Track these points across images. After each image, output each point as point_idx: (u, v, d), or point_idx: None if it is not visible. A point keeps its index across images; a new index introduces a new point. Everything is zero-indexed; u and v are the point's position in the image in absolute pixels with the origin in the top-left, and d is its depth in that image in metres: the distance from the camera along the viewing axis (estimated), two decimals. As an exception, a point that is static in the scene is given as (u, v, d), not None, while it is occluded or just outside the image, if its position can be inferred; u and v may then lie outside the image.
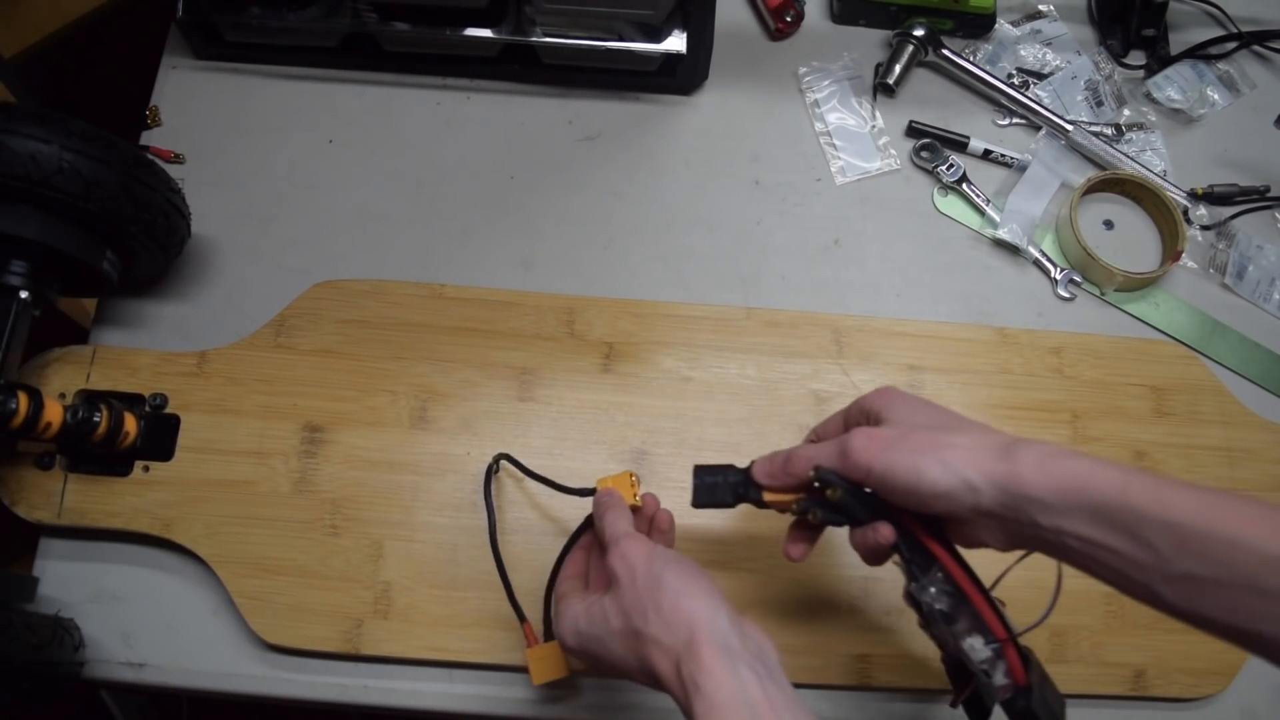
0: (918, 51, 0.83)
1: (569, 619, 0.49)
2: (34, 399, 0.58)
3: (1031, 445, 0.44)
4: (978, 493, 0.43)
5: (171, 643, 0.63)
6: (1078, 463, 0.42)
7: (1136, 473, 0.41)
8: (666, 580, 0.46)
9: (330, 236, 0.75)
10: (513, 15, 0.77)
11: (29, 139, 0.56)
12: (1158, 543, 0.40)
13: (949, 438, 0.45)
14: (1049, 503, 0.42)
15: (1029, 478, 0.42)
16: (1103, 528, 0.41)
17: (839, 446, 0.47)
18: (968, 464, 0.43)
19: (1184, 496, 0.40)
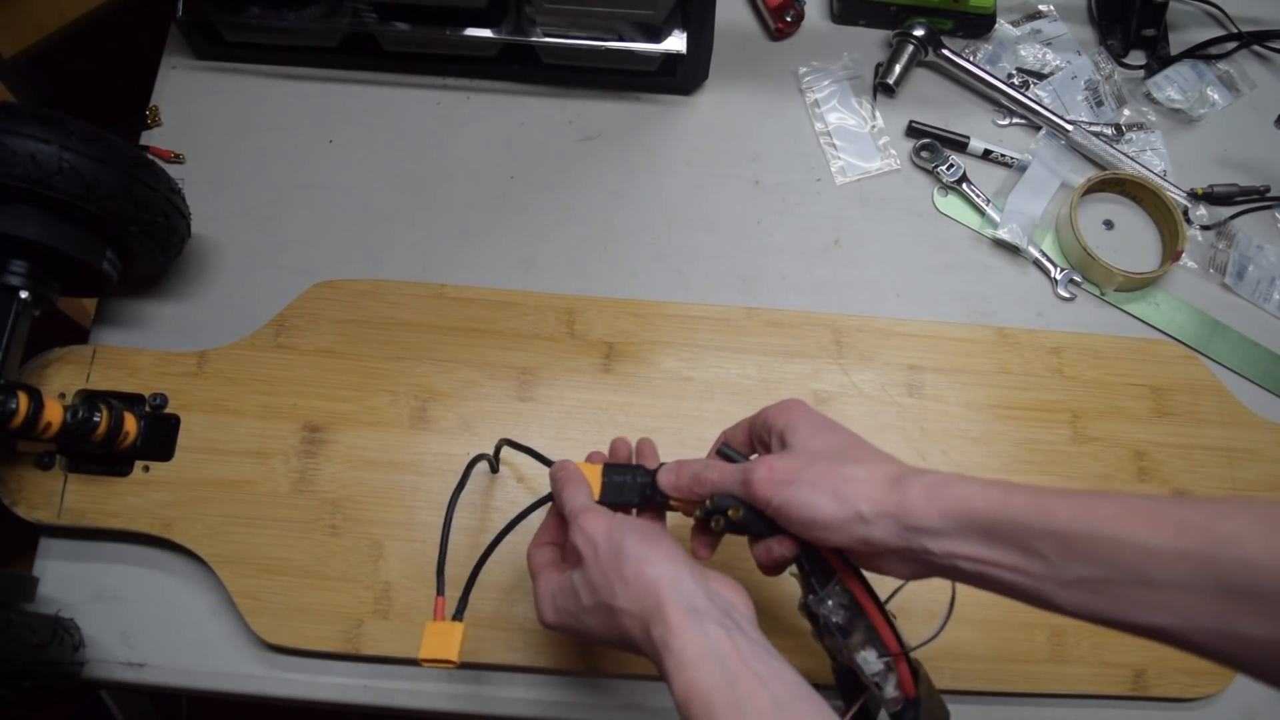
0: (918, 51, 0.83)
1: (546, 597, 0.50)
2: (34, 399, 0.58)
3: (919, 476, 0.45)
4: (870, 525, 0.44)
5: (171, 643, 0.63)
6: (961, 487, 0.43)
7: (1016, 488, 0.42)
8: (627, 549, 0.46)
9: (330, 236, 0.75)
10: (513, 15, 0.77)
11: (29, 139, 0.56)
12: (1046, 552, 0.41)
13: (845, 470, 0.46)
14: (938, 529, 0.43)
15: (916, 507, 0.43)
16: (992, 546, 0.42)
17: (741, 475, 0.48)
18: (860, 497, 0.45)
19: (1062, 503, 0.41)
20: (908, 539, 0.44)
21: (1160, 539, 0.38)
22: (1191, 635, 0.38)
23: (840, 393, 0.69)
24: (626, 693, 0.63)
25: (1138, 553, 0.39)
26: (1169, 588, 0.38)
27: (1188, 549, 0.38)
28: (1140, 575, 0.38)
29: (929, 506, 0.43)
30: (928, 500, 0.43)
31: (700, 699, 0.40)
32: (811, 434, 0.49)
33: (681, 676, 0.41)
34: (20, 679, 0.55)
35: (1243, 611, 0.36)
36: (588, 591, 0.47)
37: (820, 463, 0.47)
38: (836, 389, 0.70)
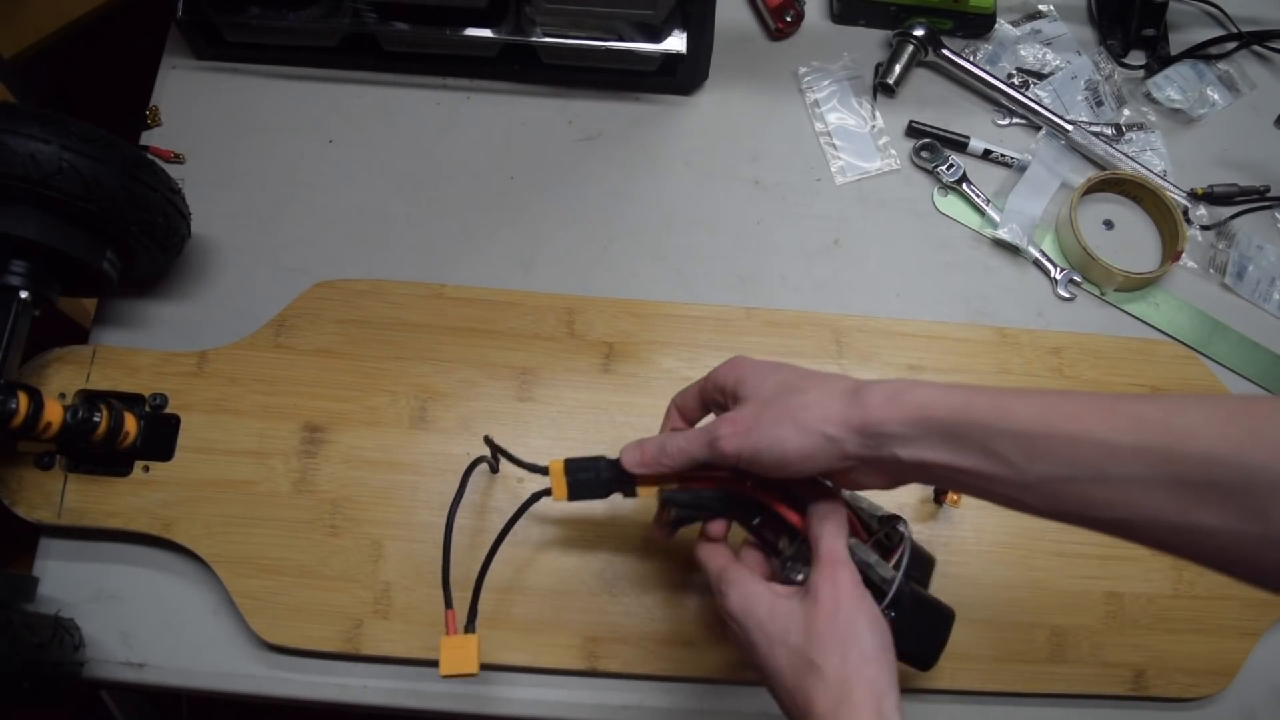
0: (918, 51, 0.83)
1: (745, 596, 0.47)
2: (34, 399, 0.58)
3: (878, 384, 0.45)
4: (839, 442, 0.45)
5: (171, 643, 0.63)
6: (921, 391, 0.44)
7: (977, 390, 0.43)
8: (864, 637, 0.44)
9: (330, 236, 0.75)
10: (513, 15, 0.77)
11: (29, 139, 0.56)
12: (1008, 454, 0.41)
13: (800, 399, 0.46)
14: (903, 435, 0.43)
15: (879, 415, 0.44)
16: (956, 449, 0.43)
17: (706, 437, 0.48)
18: (821, 419, 0.45)
19: (1023, 403, 0.41)
20: (876, 448, 0.44)
21: (1118, 435, 0.39)
22: (1152, 530, 0.39)
23: (840, 393, 0.69)
24: (627, 693, 0.63)
25: (1097, 450, 0.39)
26: (1129, 483, 0.39)
27: (1145, 444, 0.38)
28: (1100, 472, 0.39)
29: (891, 414, 0.44)
30: (889, 407, 0.44)
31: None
32: (760, 380, 0.49)
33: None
34: (20, 679, 0.55)
35: (1200, 503, 0.37)
36: (802, 633, 0.45)
37: (775, 402, 0.47)
38: (836, 389, 0.70)
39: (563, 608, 0.63)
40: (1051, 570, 0.66)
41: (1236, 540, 0.37)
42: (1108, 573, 0.66)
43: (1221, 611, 0.66)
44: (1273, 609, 0.66)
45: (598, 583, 0.64)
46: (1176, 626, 0.65)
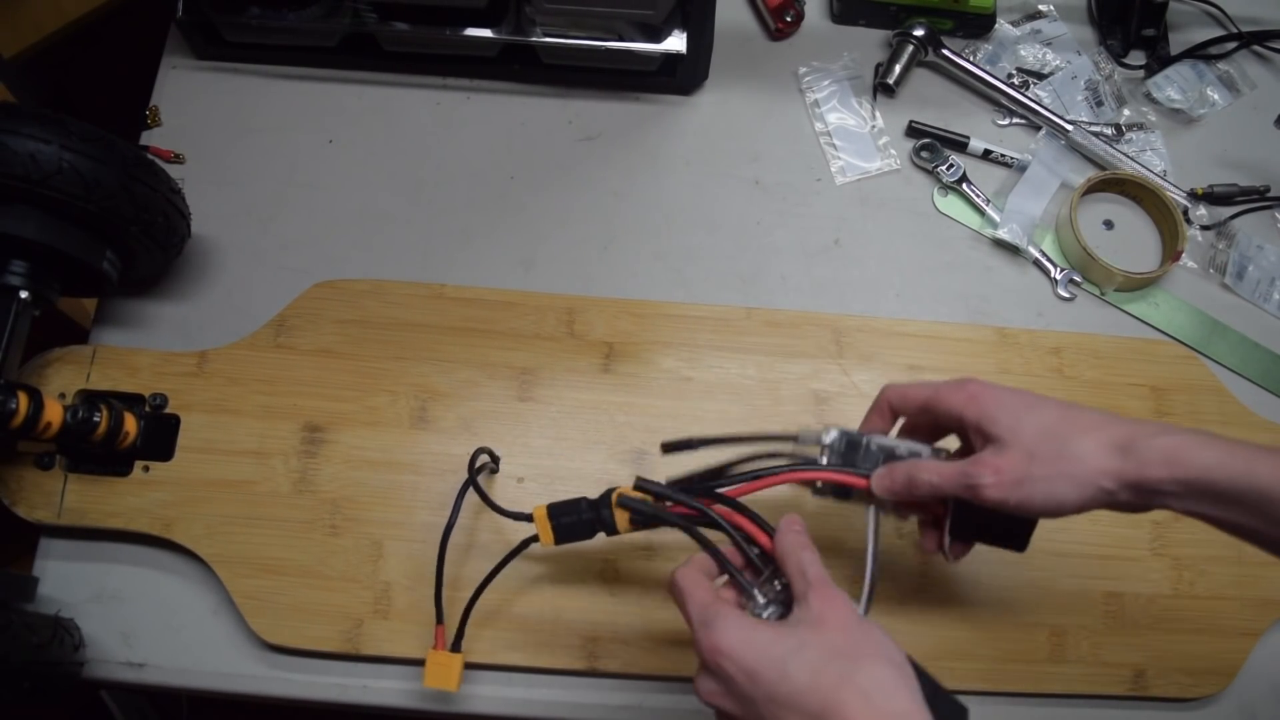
0: (918, 51, 0.83)
1: (741, 628, 0.43)
2: (34, 399, 0.58)
3: (1150, 440, 0.45)
4: (1111, 494, 0.46)
5: (171, 643, 0.63)
6: (1203, 456, 0.44)
7: (1260, 453, 0.44)
8: (886, 643, 0.43)
9: (330, 236, 0.75)
10: (513, 15, 0.77)
11: (29, 139, 0.56)
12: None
13: (1070, 451, 0.46)
14: (1179, 494, 0.45)
15: (1155, 476, 0.45)
16: (1233, 509, 0.44)
17: (964, 480, 0.48)
18: (1098, 473, 0.46)
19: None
20: (1148, 500, 0.46)
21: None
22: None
23: (840, 393, 0.69)
24: (626, 693, 0.63)
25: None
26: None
27: None
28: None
29: (1168, 475, 0.44)
30: (1167, 469, 0.44)
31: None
32: (1015, 422, 0.48)
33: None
34: (20, 679, 0.55)
35: None
36: (820, 649, 0.42)
37: (1043, 454, 0.47)
38: (836, 389, 0.70)
39: (563, 608, 0.63)
40: (1051, 570, 0.66)
41: None
42: (1107, 573, 0.66)
43: (1221, 611, 0.66)
44: (1273, 609, 0.66)
45: (598, 583, 0.64)
46: (1176, 626, 0.65)
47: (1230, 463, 0.44)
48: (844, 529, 0.66)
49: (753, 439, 0.54)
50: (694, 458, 0.55)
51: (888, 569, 0.65)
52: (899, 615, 0.64)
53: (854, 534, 0.66)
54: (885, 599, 0.64)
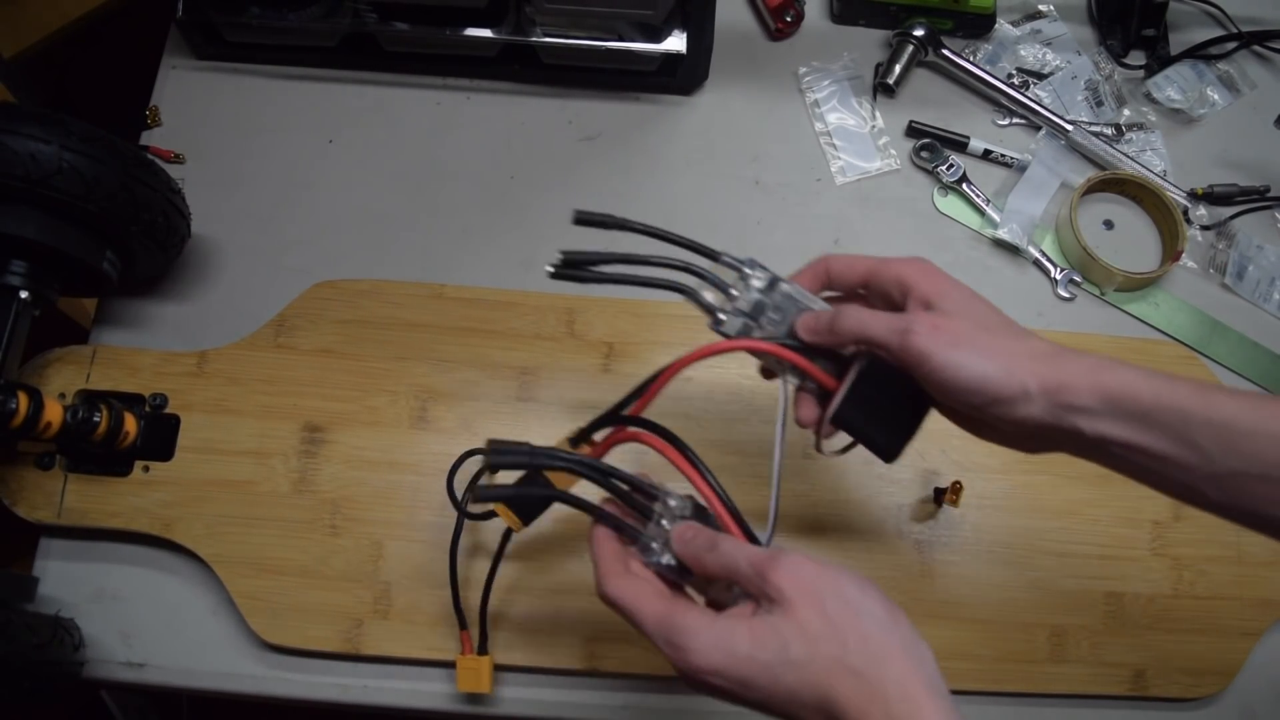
0: (918, 51, 0.83)
1: (717, 638, 0.40)
2: (34, 399, 0.58)
3: (1075, 354, 0.44)
4: (1031, 400, 0.43)
5: (171, 643, 0.63)
6: (1125, 371, 0.43)
7: (1179, 378, 0.42)
8: (867, 607, 0.40)
9: (330, 236, 0.75)
10: (513, 15, 0.77)
11: (29, 139, 0.56)
12: (1204, 443, 0.40)
13: (1009, 343, 0.45)
14: (1094, 409, 0.42)
15: (1076, 385, 0.43)
16: (1148, 431, 0.42)
17: (900, 324, 0.45)
18: (1026, 371, 0.43)
19: (1230, 398, 0.41)
20: (1060, 417, 0.43)
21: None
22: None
23: (840, 393, 0.69)
24: (626, 693, 0.63)
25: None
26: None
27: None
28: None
29: (1089, 386, 0.42)
30: (1089, 380, 0.43)
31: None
32: (965, 303, 0.46)
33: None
34: (20, 679, 0.55)
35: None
36: (801, 641, 0.39)
37: (988, 332, 0.45)
38: (836, 389, 0.70)
39: (563, 608, 0.63)
40: (1051, 570, 0.66)
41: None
42: (1108, 573, 0.66)
43: (1221, 611, 0.66)
44: (1273, 609, 0.66)
45: (598, 583, 0.64)
46: (1176, 626, 0.65)
47: (1150, 381, 0.42)
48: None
49: (676, 240, 0.51)
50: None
51: (888, 569, 0.65)
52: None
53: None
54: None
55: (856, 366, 0.48)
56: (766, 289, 0.50)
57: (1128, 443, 0.42)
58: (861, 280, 0.50)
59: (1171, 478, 0.42)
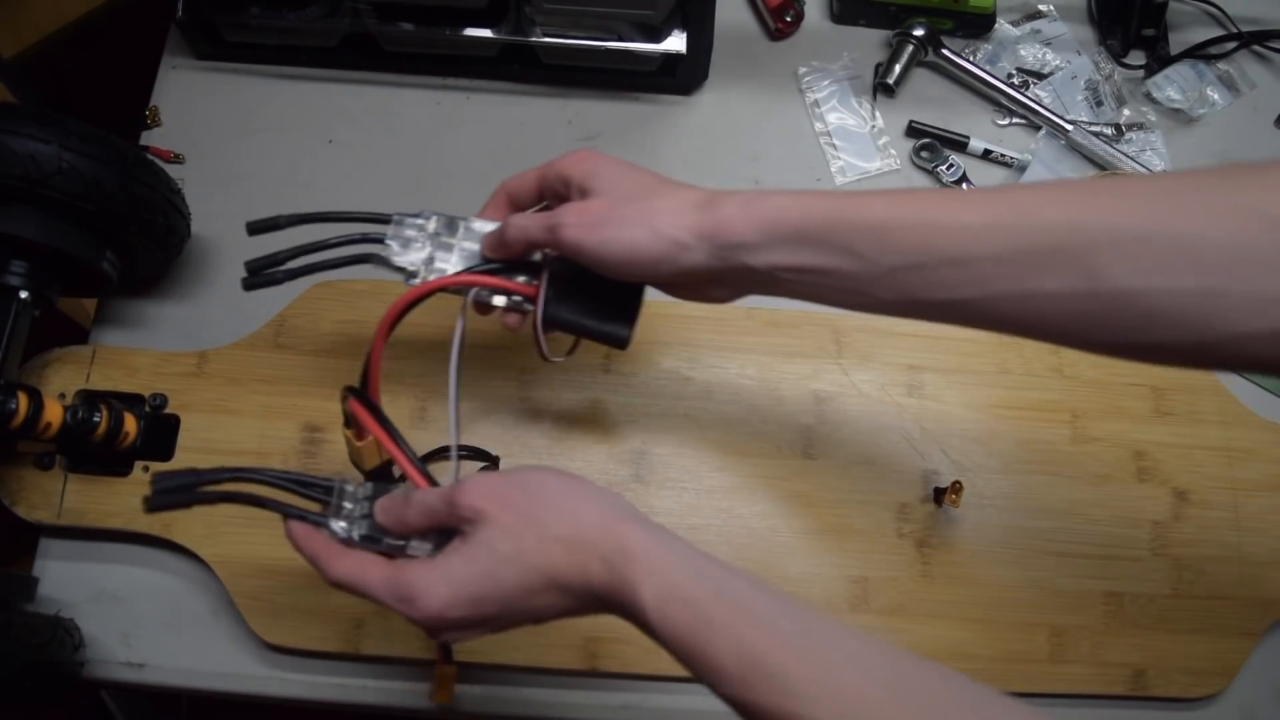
0: (918, 51, 0.83)
1: (435, 580, 0.43)
2: (34, 399, 0.58)
3: (729, 195, 0.46)
4: (689, 249, 0.45)
5: (171, 643, 0.63)
6: (774, 199, 0.44)
7: (829, 192, 0.45)
8: (549, 484, 0.44)
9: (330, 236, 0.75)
10: (512, 15, 0.77)
11: (29, 139, 0.56)
12: (861, 248, 0.42)
13: (655, 203, 0.46)
14: (756, 243, 0.44)
15: (732, 224, 0.44)
16: (811, 250, 0.43)
17: (549, 221, 0.47)
18: (675, 225, 0.45)
19: (876, 198, 0.43)
20: (726, 257, 0.45)
21: (968, 217, 0.41)
22: (995, 305, 0.41)
23: (840, 393, 0.69)
24: (627, 693, 0.63)
25: (948, 234, 0.41)
26: (977, 262, 0.40)
27: (993, 222, 0.40)
28: (949, 255, 0.41)
29: (745, 222, 0.44)
30: (743, 216, 0.44)
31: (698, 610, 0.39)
32: (614, 178, 0.48)
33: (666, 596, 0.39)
34: (20, 679, 0.55)
35: (1041, 270, 0.39)
36: (504, 539, 0.42)
37: (629, 202, 0.47)
38: (836, 389, 0.70)
39: (563, 608, 0.63)
40: (1051, 570, 0.66)
41: (1070, 302, 0.39)
42: (1108, 573, 0.66)
43: (1221, 611, 0.66)
44: (1273, 609, 0.66)
45: (598, 583, 0.64)
46: (1176, 626, 0.65)
47: (800, 202, 0.44)
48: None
49: (344, 217, 0.54)
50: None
51: (888, 569, 0.65)
52: (898, 615, 0.64)
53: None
54: (884, 599, 0.64)
55: (546, 270, 0.49)
56: (446, 230, 0.52)
57: (794, 265, 0.44)
58: (535, 190, 0.52)
59: (845, 289, 0.44)
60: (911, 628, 0.64)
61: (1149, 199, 0.38)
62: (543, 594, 0.42)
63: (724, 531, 0.65)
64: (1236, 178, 0.38)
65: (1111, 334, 0.39)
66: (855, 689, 0.37)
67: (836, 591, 0.64)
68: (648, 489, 0.66)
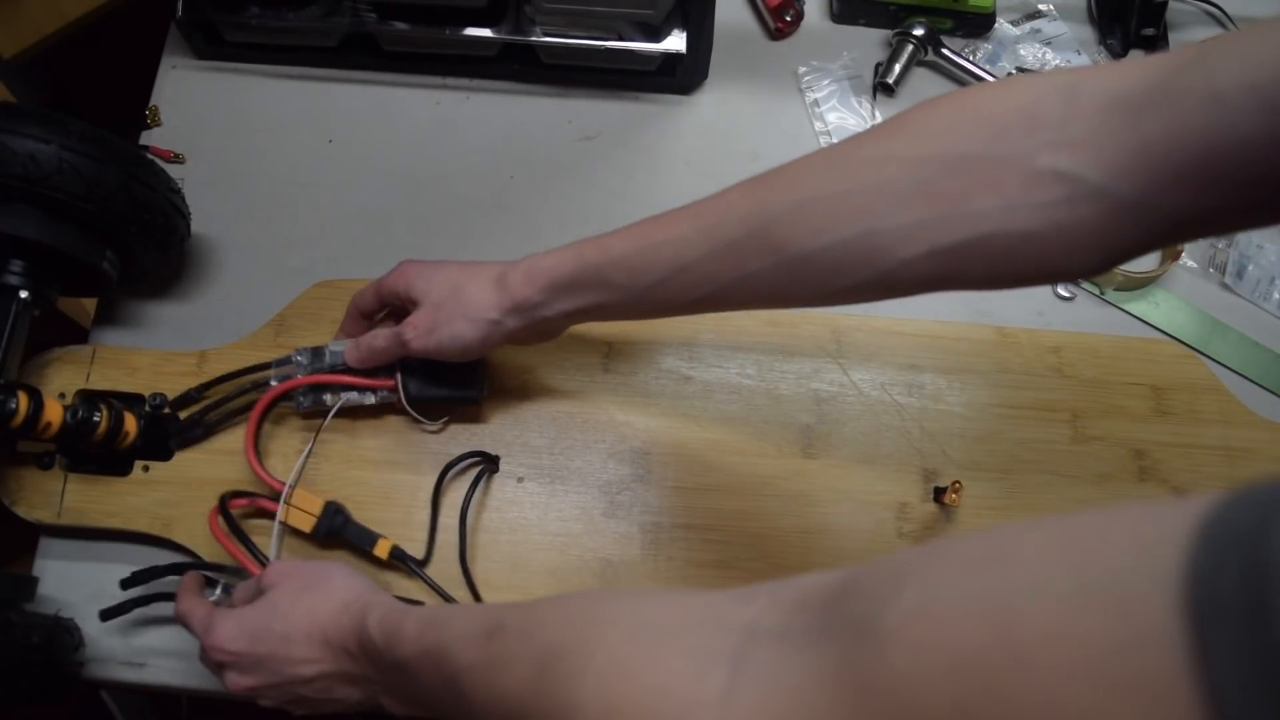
0: (917, 51, 0.83)
1: (229, 620, 0.53)
2: (34, 399, 0.58)
3: (514, 267, 0.55)
4: (501, 322, 0.55)
5: (171, 643, 0.63)
6: (545, 261, 0.53)
7: (587, 242, 0.53)
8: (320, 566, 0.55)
9: (330, 236, 0.75)
10: (512, 15, 0.77)
11: (29, 139, 0.56)
12: (618, 280, 0.51)
13: (463, 296, 0.56)
14: (544, 300, 0.54)
15: (522, 293, 0.54)
16: (585, 294, 0.53)
17: (398, 339, 0.58)
18: (485, 307, 0.55)
19: (620, 237, 0.51)
20: (528, 315, 0.55)
21: (683, 228, 0.48)
22: (721, 293, 0.48)
23: (840, 393, 0.69)
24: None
25: (673, 246, 0.49)
26: (697, 263, 0.48)
27: (702, 226, 0.48)
28: (678, 264, 0.48)
29: (530, 287, 0.54)
30: (527, 282, 0.54)
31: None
32: (427, 284, 0.57)
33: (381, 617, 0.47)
34: (20, 679, 0.55)
35: (746, 254, 0.46)
36: (284, 599, 0.52)
37: (445, 303, 0.56)
38: (836, 389, 0.70)
39: (563, 607, 0.63)
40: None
41: (771, 274, 0.46)
42: (1108, 572, 0.66)
43: (1221, 611, 0.66)
44: (1273, 608, 0.66)
45: (597, 582, 0.64)
46: (1176, 626, 0.65)
47: (564, 257, 0.53)
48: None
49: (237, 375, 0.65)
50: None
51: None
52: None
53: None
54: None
55: (398, 368, 0.62)
56: (315, 359, 0.63)
57: (578, 308, 0.53)
58: (376, 302, 0.62)
59: (623, 310, 0.53)
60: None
61: (817, 169, 0.45)
62: (304, 642, 0.50)
63: (724, 531, 0.65)
64: (882, 132, 0.44)
65: (808, 290, 0.46)
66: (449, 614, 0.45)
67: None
68: (648, 488, 0.66)
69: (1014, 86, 0.41)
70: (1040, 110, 0.39)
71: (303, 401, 0.63)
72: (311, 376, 0.62)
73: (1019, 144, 0.39)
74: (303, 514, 0.61)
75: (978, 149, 0.40)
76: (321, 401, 0.63)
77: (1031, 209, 0.39)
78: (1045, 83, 0.40)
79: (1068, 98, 0.39)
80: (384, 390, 0.63)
